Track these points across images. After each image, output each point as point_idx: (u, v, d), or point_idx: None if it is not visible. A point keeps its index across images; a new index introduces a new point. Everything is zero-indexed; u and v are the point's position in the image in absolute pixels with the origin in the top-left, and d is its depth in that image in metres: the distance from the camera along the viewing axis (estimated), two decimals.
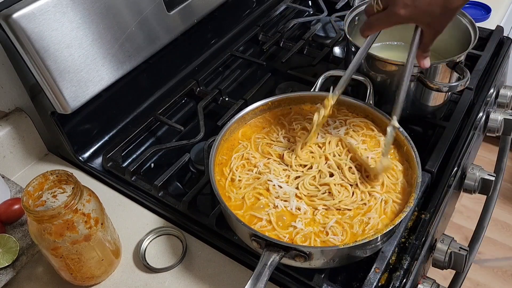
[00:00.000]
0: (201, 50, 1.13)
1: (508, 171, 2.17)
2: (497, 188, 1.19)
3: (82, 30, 0.80)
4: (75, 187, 0.63)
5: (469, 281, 1.84)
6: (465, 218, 2.04)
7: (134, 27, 0.89)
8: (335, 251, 0.63)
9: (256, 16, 1.26)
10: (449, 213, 0.93)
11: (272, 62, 1.14)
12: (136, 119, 0.99)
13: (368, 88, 0.85)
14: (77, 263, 0.68)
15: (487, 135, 1.06)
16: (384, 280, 0.70)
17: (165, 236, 0.79)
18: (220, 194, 0.69)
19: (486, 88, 1.00)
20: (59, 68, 0.79)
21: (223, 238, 0.76)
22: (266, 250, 0.62)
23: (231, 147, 0.80)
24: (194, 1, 1.01)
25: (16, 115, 0.90)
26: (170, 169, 0.85)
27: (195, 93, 1.05)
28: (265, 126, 0.83)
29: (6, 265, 0.73)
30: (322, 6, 1.30)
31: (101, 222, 0.67)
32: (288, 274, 0.71)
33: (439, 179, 0.82)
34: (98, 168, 0.90)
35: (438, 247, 0.77)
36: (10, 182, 0.87)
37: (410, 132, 0.76)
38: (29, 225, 0.66)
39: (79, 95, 0.83)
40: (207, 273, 0.74)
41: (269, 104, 0.85)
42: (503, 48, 1.10)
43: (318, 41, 1.21)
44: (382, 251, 0.71)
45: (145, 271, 0.75)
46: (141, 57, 0.92)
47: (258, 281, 0.59)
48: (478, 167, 0.91)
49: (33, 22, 0.74)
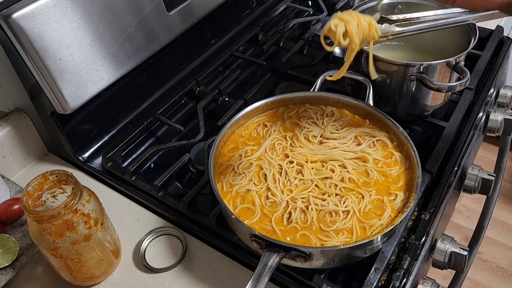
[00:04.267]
0: (201, 50, 1.13)
1: (508, 171, 2.17)
2: (497, 188, 1.19)
3: (82, 30, 0.80)
4: (74, 187, 0.63)
5: (469, 281, 1.84)
6: (465, 218, 2.04)
7: (134, 27, 0.89)
8: (335, 251, 0.63)
9: (256, 16, 1.26)
10: (449, 213, 0.93)
11: (272, 62, 1.14)
12: (136, 119, 0.99)
13: (368, 88, 0.85)
14: (77, 263, 0.68)
15: (487, 135, 1.06)
16: (384, 280, 0.70)
17: (165, 236, 0.79)
18: (220, 194, 0.69)
19: (486, 88, 1.00)
20: (59, 68, 0.79)
21: (223, 238, 0.75)
22: (266, 250, 0.62)
23: (231, 150, 0.80)
24: (194, 1, 1.01)
25: (16, 115, 0.90)
26: (170, 169, 0.85)
27: (195, 93, 1.05)
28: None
29: (6, 265, 0.73)
30: (322, 6, 1.30)
31: (100, 222, 0.67)
32: (288, 274, 0.71)
33: (439, 179, 0.82)
34: (98, 168, 0.90)
35: (438, 247, 0.77)
36: (10, 182, 0.87)
37: (410, 132, 0.76)
38: (29, 225, 0.66)
39: (79, 95, 0.83)
40: (207, 273, 0.74)
41: (269, 104, 0.85)
42: (503, 48, 1.10)
43: (318, 41, 1.21)
44: (382, 251, 0.71)
45: (145, 271, 0.75)
46: (141, 57, 0.92)
47: (259, 281, 0.59)
48: (478, 167, 0.91)
49: (32, 22, 0.73)
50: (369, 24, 0.65)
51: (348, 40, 0.64)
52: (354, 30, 0.64)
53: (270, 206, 0.71)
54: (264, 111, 0.85)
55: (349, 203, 0.69)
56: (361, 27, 0.64)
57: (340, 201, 0.70)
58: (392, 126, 0.78)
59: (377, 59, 0.86)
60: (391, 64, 0.85)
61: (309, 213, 0.69)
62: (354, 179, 0.73)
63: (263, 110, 0.85)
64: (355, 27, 0.64)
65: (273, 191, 0.72)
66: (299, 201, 0.70)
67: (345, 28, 0.64)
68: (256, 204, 0.71)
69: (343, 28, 0.64)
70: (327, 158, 0.76)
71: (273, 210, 0.70)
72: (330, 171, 0.74)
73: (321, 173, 0.74)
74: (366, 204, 0.69)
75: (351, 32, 0.64)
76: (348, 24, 0.64)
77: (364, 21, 0.65)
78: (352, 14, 0.65)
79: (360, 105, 0.83)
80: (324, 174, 0.74)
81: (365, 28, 0.65)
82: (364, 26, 0.65)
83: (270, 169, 0.75)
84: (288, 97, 0.85)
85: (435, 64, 0.84)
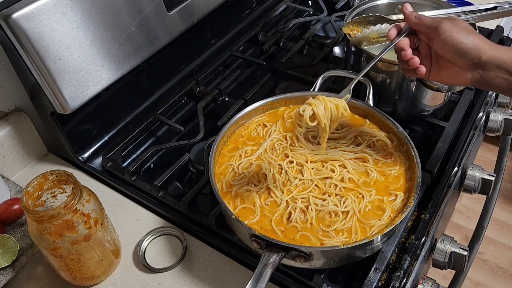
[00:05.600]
0: (201, 50, 1.13)
1: (508, 171, 2.17)
2: (497, 188, 1.19)
3: (82, 30, 0.80)
4: (74, 187, 0.63)
5: (469, 281, 1.84)
6: (465, 218, 2.04)
7: (134, 27, 0.89)
8: (335, 251, 0.63)
9: (256, 16, 1.26)
10: (449, 213, 0.93)
11: (272, 62, 1.14)
12: (136, 119, 0.99)
13: (368, 88, 0.85)
14: (77, 263, 0.68)
15: (487, 135, 1.06)
16: (384, 280, 0.70)
17: (165, 236, 0.79)
18: (220, 194, 0.69)
19: None
20: (59, 68, 0.79)
21: (223, 238, 0.75)
22: (266, 250, 0.62)
23: (231, 150, 0.80)
24: (194, 1, 1.01)
25: (16, 115, 0.90)
26: (170, 169, 0.85)
27: (195, 93, 1.05)
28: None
29: (6, 265, 0.73)
30: (322, 6, 1.30)
31: (100, 222, 0.67)
32: (288, 274, 0.71)
33: (439, 179, 0.82)
34: (98, 168, 0.90)
35: (438, 247, 0.77)
36: (10, 182, 0.87)
37: (410, 132, 0.76)
38: (29, 225, 0.66)
39: (79, 95, 0.83)
40: (207, 273, 0.74)
41: (269, 104, 0.85)
42: None
43: (318, 41, 1.21)
44: (382, 251, 0.71)
45: (145, 271, 0.75)
46: (141, 57, 0.92)
47: (259, 281, 0.59)
48: (478, 167, 0.91)
49: (32, 22, 0.73)
50: (336, 106, 0.71)
51: (317, 121, 0.69)
52: (321, 112, 0.69)
53: (270, 206, 0.71)
54: (264, 111, 0.85)
55: (349, 203, 0.69)
56: (328, 109, 0.70)
57: (340, 201, 0.70)
58: (392, 126, 0.78)
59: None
60: (391, 64, 0.85)
61: (309, 213, 0.69)
62: (354, 179, 0.73)
63: (263, 110, 0.85)
64: (322, 109, 0.70)
65: (273, 191, 0.72)
66: (299, 201, 0.70)
67: (313, 111, 0.69)
68: (256, 204, 0.71)
69: (310, 112, 0.69)
70: (327, 158, 0.76)
71: (273, 210, 0.70)
72: (330, 171, 0.74)
73: (321, 173, 0.74)
74: (366, 204, 0.69)
75: (318, 114, 0.69)
76: (316, 107, 0.69)
77: (331, 103, 0.70)
78: (320, 98, 0.71)
79: (360, 105, 0.83)
80: (324, 174, 0.74)
81: (332, 109, 0.70)
82: (331, 108, 0.70)
83: (270, 169, 0.75)
84: (288, 97, 0.85)
85: None
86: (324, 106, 0.70)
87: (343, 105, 0.71)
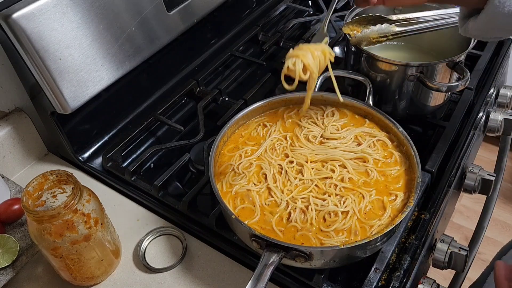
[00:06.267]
0: (201, 50, 1.13)
1: (508, 171, 2.17)
2: (497, 188, 1.19)
3: (82, 30, 0.80)
4: (74, 187, 0.63)
5: (469, 281, 1.83)
6: (465, 218, 2.04)
7: (134, 27, 0.89)
8: (335, 251, 0.63)
9: (256, 16, 1.26)
10: (449, 213, 0.93)
11: (272, 62, 1.14)
12: (136, 119, 0.99)
13: (368, 88, 0.85)
14: (77, 263, 0.68)
15: (487, 135, 1.06)
16: (384, 280, 0.70)
17: (165, 236, 0.79)
18: (220, 194, 0.69)
19: (486, 88, 1.00)
20: (59, 68, 0.79)
21: (223, 238, 0.75)
22: (266, 250, 0.62)
23: (231, 150, 0.80)
24: (194, 1, 1.01)
25: (16, 115, 0.90)
26: (170, 169, 0.85)
27: (195, 93, 1.05)
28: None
29: (6, 265, 0.73)
30: (322, 6, 1.30)
31: (101, 222, 0.67)
32: (288, 274, 0.71)
33: (439, 179, 0.82)
34: (98, 168, 0.90)
35: (438, 247, 0.77)
36: (10, 182, 0.87)
37: (410, 132, 0.76)
38: (29, 225, 0.66)
39: (79, 95, 0.83)
40: (207, 273, 0.74)
41: (269, 104, 0.85)
42: (503, 48, 1.10)
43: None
44: (382, 251, 0.71)
45: (145, 271, 0.75)
46: (141, 57, 0.92)
47: (259, 281, 0.59)
48: (478, 167, 0.91)
49: (32, 22, 0.73)
50: (323, 52, 0.67)
51: (309, 73, 0.66)
52: (312, 62, 0.65)
53: (270, 206, 0.71)
54: (264, 111, 0.85)
55: (349, 203, 0.69)
56: (316, 58, 0.66)
57: (340, 201, 0.70)
58: (392, 126, 0.78)
59: (377, 59, 0.86)
60: (391, 64, 0.85)
61: (309, 213, 0.69)
62: (354, 179, 0.73)
63: (263, 110, 0.85)
64: (311, 59, 0.66)
65: (273, 191, 0.72)
66: (299, 201, 0.70)
67: (303, 63, 0.66)
68: (256, 204, 0.71)
69: (301, 64, 0.65)
70: (327, 158, 0.76)
71: (273, 210, 0.70)
72: (330, 171, 0.74)
73: (321, 173, 0.74)
74: (366, 204, 0.69)
75: (309, 65, 0.65)
76: (305, 58, 0.65)
77: (317, 51, 0.67)
78: (303, 47, 0.66)
79: (360, 105, 0.83)
80: (324, 174, 0.74)
81: (320, 56, 0.67)
82: (319, 56, 0.67)
83: (270, 169, 0.75)
84: (288, 97, 0.85)
85: (435, 64, 0.84)
86: (311, 54, 0.66)
87: (328, 50, 0.67)
